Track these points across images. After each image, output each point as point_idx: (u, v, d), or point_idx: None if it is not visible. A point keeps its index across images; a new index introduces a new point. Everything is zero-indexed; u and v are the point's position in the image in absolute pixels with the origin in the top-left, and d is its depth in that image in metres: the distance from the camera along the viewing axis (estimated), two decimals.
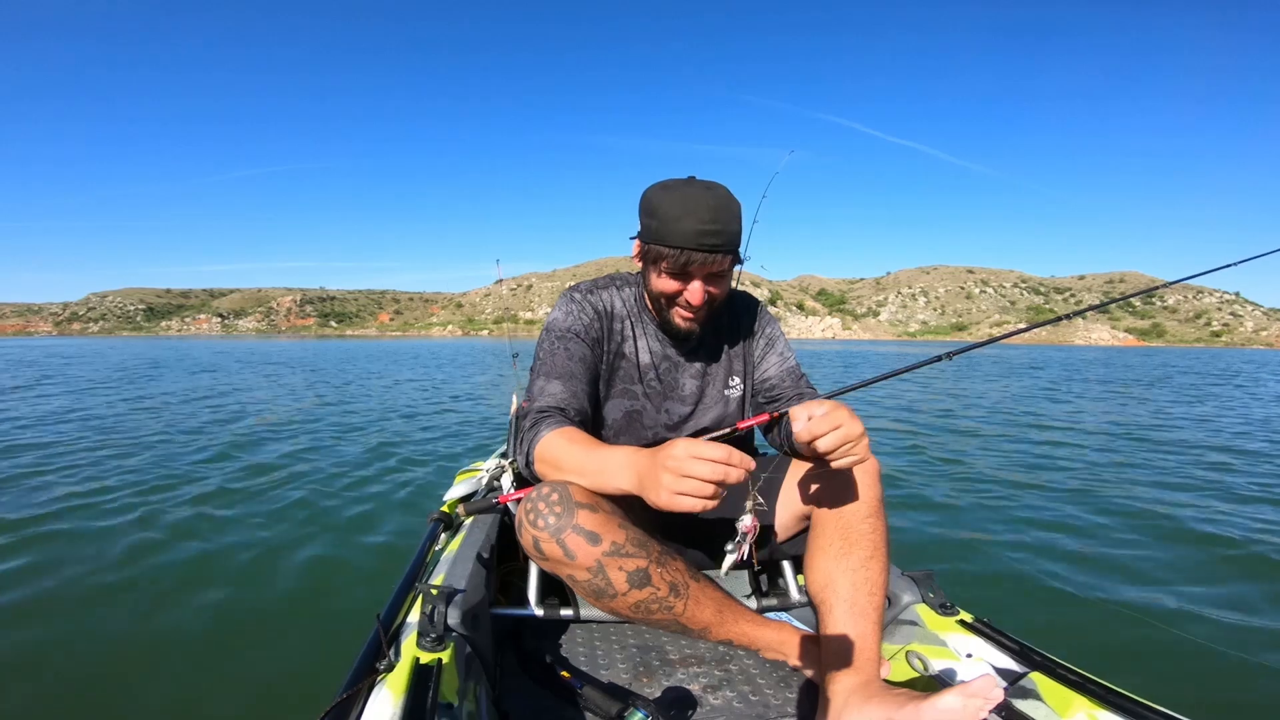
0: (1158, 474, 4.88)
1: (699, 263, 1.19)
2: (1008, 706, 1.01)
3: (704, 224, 1.15)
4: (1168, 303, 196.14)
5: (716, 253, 1.18)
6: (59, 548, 2.96)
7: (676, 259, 1.18)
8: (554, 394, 1.26)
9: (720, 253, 1.19)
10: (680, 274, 1.22)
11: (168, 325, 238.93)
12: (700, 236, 1.16)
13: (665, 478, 0.92)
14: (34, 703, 1.83)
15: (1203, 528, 3.48)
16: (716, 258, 1.19)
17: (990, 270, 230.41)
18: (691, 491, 0.90)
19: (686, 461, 0.90)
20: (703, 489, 0.90)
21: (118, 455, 5.08)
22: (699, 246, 1.16)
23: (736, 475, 0.90)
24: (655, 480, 0.94)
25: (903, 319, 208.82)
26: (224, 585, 2.59)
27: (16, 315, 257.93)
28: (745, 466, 0.91)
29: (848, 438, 1.01)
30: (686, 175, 1.25)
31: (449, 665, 0.97)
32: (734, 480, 0.90)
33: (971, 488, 4.38)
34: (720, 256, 1.20)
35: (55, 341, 72.01)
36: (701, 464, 0.90)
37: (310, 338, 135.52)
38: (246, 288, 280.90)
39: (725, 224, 1.17)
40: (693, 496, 0.90)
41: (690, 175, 1.26)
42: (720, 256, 1.20)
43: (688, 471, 0.90)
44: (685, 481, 0.90)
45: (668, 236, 1.17)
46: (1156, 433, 7.05)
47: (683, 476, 0.90)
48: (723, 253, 1.19)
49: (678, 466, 0.91)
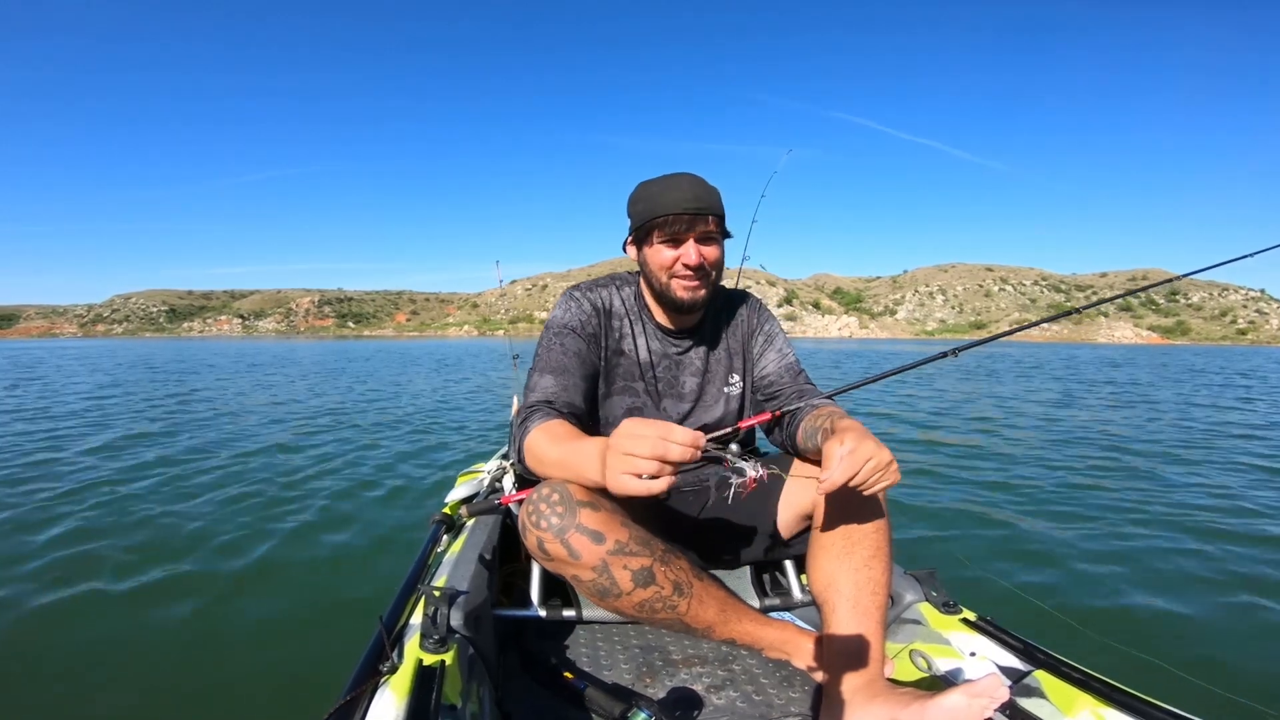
0: (1174, 473, 4.81)
1: (688, 225, 1.28)
2: (1012, 705, 1.00)
3: (686, 192, 1.28)
4: (1192, 300, 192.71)
5: (703, 214, 1.28)
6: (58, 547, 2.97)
7: (668, 224, 1.28)
8: (545, 388, 1.29)
9: (706, 213, 1.28)
10: (673, 240, 1.30)
11: (189, 326, 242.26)
12: (685, 202, 1.27)
13: (610, 458, 0.90)
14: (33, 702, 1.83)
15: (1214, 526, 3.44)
16: (704, 219, 1.29)
17: (1010, 268, 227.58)
18: (631, 469, 0.87)
19: (626, 440, 0.88)
20: (644, 465, 0.86)
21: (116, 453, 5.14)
22: (685, 210, 1.27)
23: (679, 452, 0.85)
24: (608, 464, 0.92)
25: (920, 317, 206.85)
26: (226, 587, 2.60)
27: (41, 317, 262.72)
28: (691, 443, 0.86)
29: (878, 468, 1.01)
30: (698, 173, 1.34)
31: (452, 667, 0.98)
32: (675, 457, 0.85)
33: (972, 486, 4.36)
34: (708, 217, 1.29)
35: (80, 343, 73.07)
36: (639, 440, 0.87)
37: (328, 338, 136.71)
38: (266, 289, 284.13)
39: (705, 194, 1.30)
40: (633, 475, 0.87)
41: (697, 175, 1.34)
42: (708, 217, 1.29)
43: (628, 449, 0.87)
44: (627, 460, 0.87)
45: (657, 208, 1.29)
46: (1173, 432, 6.93)
47: (625, 455, 0.88)
48: (709, 214, 1.29)
49: (619, 445, 0.89)
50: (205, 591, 2.54)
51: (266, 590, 2.60)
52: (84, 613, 2.36)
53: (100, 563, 2.80)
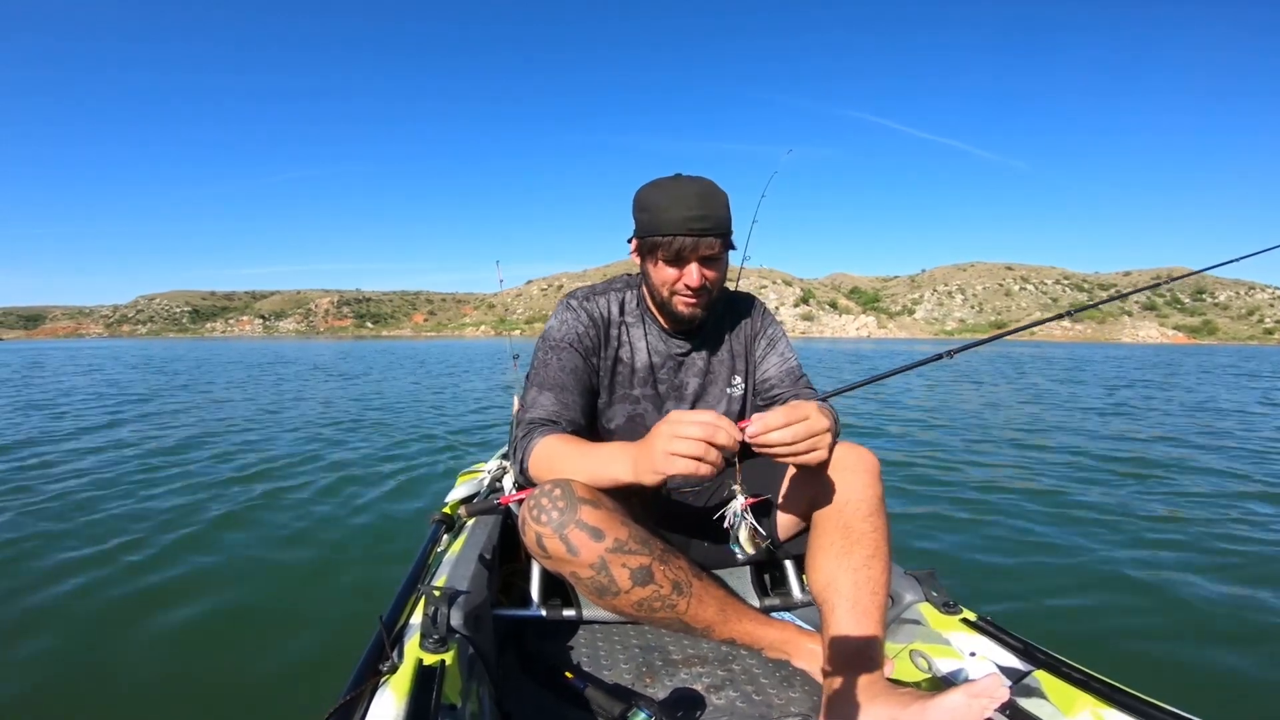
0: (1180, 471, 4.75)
1: (691, 247, 1.24)
2: (1013, 705, 1.00)
3: (692, 210, 1.22)
4: (1219, 299, 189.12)
5: (707, 235, 1.24)
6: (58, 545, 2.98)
7: (671, 245, 1.24)
8: (545, 406, 1.29)
9: (710, 235, 1.24)
10: (676, 260, 1.26)
11: (212, 327, 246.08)
12: (690, 222, 1.22)
13: (659, 441, 0.95)
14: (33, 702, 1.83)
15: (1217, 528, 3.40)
16: (708, 240, 1.24)
17: (1030, 267, 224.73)
18: (684, 452, 0.92)
19: (678, 424, 0.94)
20: (695, 448, 0.92)
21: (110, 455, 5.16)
22: (689, 231, 1.22)
23: (726, 437, 0.92)
24: (649, 450, 0.97)
25: (939, 317, 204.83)
26: (225, 586, 2.59)
27: (68, 318, 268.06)
28: (733, 434, 0.94)
29: (812, 431, 1.01)
30: (712, 174, 1.30)
31: (452, 666, 0.98)
32: (723, 441, 0.92)
33: (973, 486, 4.32)
34: (711, 239, 1.25)
35: (110, 343, 74.34)
36: (689, 425, 0.93)
37: (347, 338, 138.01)
38: (286, 289, 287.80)
39: (712, 210, 1.24)
40: (686, 457, 0.92)
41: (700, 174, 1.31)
42: (711, 239, 1.25)
43: (680, 433, 0.93)
44: (678, 441, 0.92)
45: (660, 226, 1.24)
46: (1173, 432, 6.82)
47: (675, 437, 0.93)
48: (713, 235, 1.25)
49: (670, 430, 0.94)
50: (203, 591, 2.53)
51: (265, 590, 2.59)
52: (82, 611, 2.36)
53: (98, 561, 2.79)
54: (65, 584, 2.57)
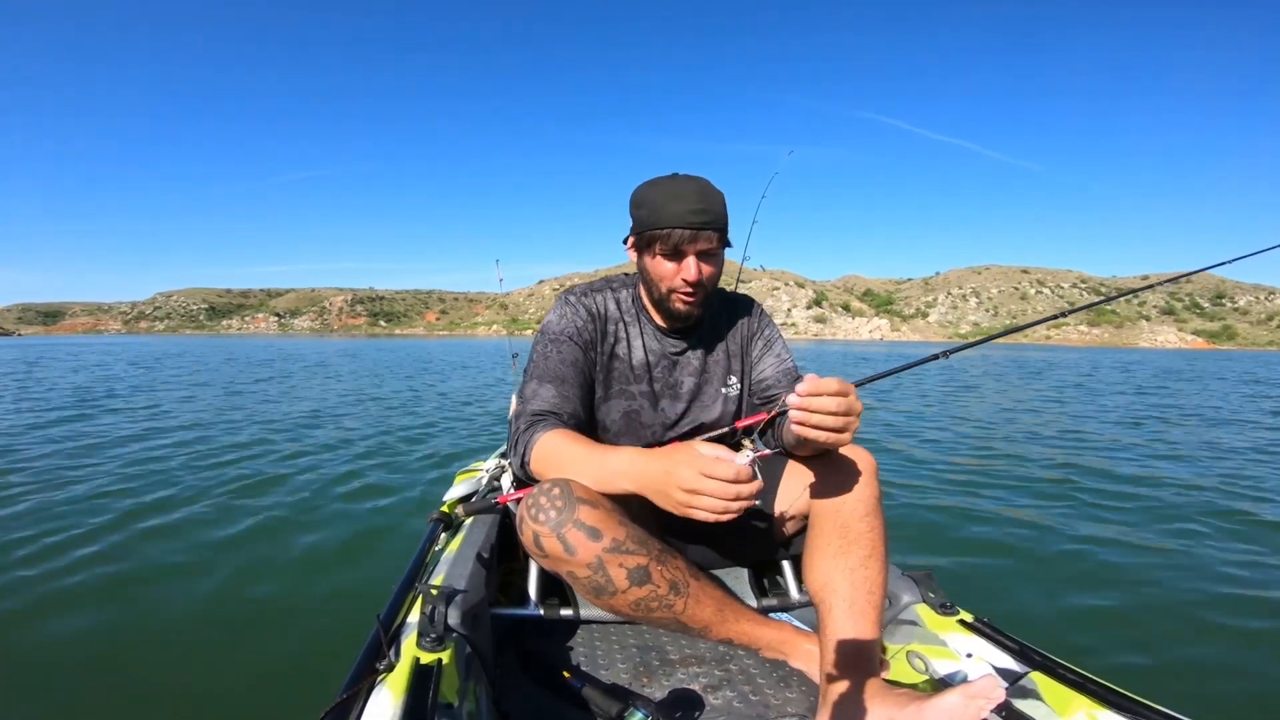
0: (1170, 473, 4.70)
1: (690, 239, 1.25)
2: (1009, 706, 1.00)
3: (690, 204, 1.24)
4: (1239, 304, 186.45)
5: (705, 229, 1.25)
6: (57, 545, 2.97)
7: (669, 238, 1.25)
8: (546, 398, 1.29)
9: (709, 229, 1.25)
10: (674, 254, 1.27)
11: (228, 324, 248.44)
12: (688, 215, 1.23)
13: (682, 474, 0.96)
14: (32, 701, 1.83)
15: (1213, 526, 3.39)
16: (706, 234, 1.25)
17: (1046, 270, 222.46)
18: (710, 498, 0.95)
19: (708, 464, 0.95)
20: (716, 505, 0.95)
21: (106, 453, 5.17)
22: (688, 224, 1.23)
23: (750, 491, 0.95)
24: (666, 480, 0.99)
25: (953, 320, 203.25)
26: (222, 584, 2.58)
27: (87, 314, 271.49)
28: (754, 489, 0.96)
29: (852, 409, 1.00)
30: (723, 175, 1.30)
31: (449, 665, 0.98)
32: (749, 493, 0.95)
33: (972, 486, 4.30)
34: (710, 233, 1.26)
35: (124, 340, 75.25)
36: (725, 467, 0.94)
37: (361, 336, 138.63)
38: (301, 288, 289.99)
39: (710, 205, 1.25)
40: (710, 507, 0.95)
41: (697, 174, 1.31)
42: (710, 233, 1.26)
43: (711, 472, 0.95)
44: (708, 482, 0.95)
45: (659, 220, 1.25)
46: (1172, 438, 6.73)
47: (705, 476, 0.95)
48: (711, 229, 1.25)
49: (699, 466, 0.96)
50: (201, 590, 2.53)
51: (262, 588, 2.58)
52: (79, 609, 2.35)
53: (97, 560, 2.79)
54: (64, 582, 2.56)
